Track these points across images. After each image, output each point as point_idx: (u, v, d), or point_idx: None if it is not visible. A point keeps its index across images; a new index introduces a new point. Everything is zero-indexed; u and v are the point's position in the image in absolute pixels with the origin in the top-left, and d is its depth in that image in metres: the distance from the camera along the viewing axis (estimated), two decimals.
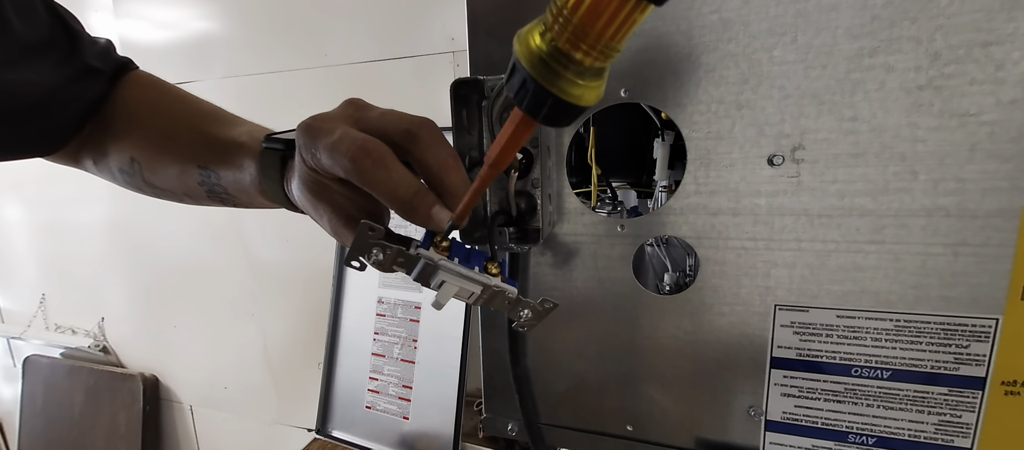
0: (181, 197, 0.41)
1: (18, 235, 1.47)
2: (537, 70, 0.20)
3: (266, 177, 0.34)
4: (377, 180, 0.27)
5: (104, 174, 0.43)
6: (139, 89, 0.43)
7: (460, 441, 0.86)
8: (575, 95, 0.20)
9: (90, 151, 0.42)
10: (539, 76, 0.20)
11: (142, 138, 0.40)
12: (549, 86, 0.20)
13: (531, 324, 0.31)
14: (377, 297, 0.95)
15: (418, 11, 0.88)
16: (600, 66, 0.20)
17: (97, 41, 0.42)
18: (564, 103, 0.20)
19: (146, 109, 0.41)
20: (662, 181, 0.45)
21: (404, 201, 0.27)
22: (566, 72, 0.20)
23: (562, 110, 0.20)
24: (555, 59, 0.19)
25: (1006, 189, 0.31)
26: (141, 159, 0.40)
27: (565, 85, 0.20)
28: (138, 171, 0.41)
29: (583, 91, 0.20)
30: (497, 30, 0.41)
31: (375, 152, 0.27)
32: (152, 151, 0.40)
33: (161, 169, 0.40)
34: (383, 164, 0.27)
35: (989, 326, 0.33)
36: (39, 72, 0.37)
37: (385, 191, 0.27)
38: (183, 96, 0.43)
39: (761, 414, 0.39)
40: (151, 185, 0.41)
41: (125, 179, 0.42)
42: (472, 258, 0.30)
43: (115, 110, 0.41)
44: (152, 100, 0.42)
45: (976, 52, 0.30)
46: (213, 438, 1.35)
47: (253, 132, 0.38)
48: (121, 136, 0.41)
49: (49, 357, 1.45)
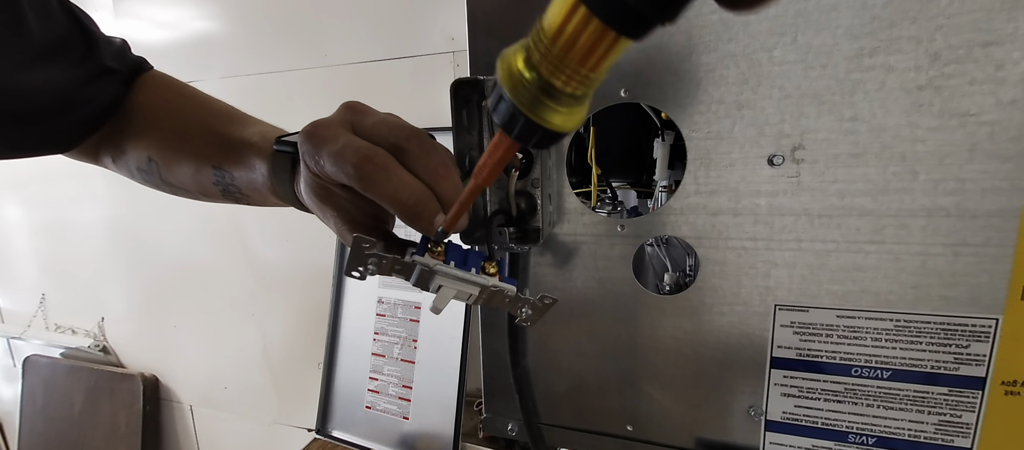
0: (198, 195, 0.42)
1: (18, 235, 1.47)
2: (519, 98, 0.20)
3: (277, 179, 0.35)
4: (380, 187, 0.27)
5: (123, 171, 0.44)
6: (154, 89, 0.43)
7: (460, 441, 0.86)
8: (555, 123, 0.20)
9: (109, 149, 0.43)
10: (522, 104, 0.20)
11: (158, 138, 0.41)
12: (533, 116, 0.20)
13: (532, 320, 0.31)
14: (377, 297, 0.95)
15: (418, 11, 0.88)
16: (582, 94, 0.20)
17: (112, 41, 0.43)
18: (550, 132, 0.20)
19: (161, 109, 0.42)
20: (662, 181, 0.45)
21: (408, 207, 0.28)
22: (548, 100, 0.20)
23: (548, 138, 0.21)
24: (537, 86, 0.20)
25: (1006, 189, 0.31)
26: (158, 158, 0.41)
27: (547, 113, 0.20)
28: (156, 170, 0.41)
29: (564, 119, 0.20)
30: (497, 30, 0.41)
31: (378, 159, 0.27)
32: (168, 151, 0.41)
33: (177, 168, 0.40)
34: (386, 170, 0.27)
35: (989, 326, 0.33)
36: (56, 72, 0.38)
37: (388, 197, 0.27)
38: (197, 96, 0.44)
39: (761, 414, 0.39)
40: (169, 183, 0.42)
41: (144, 177, 0.43)
42: (470, 259, 0.30)
43: (132, 110, 0.42)
44: (166, 100, 0.43)
45: (976, 52, 0.30)
46: (213, 438, 1.35)
47: (265, 133, 0.38)
48: (138, 136, 0.42)
49: (49, 357, 1.45)
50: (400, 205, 0.27)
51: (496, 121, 0.21)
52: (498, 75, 0.21)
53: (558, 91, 0.20)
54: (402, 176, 0.28)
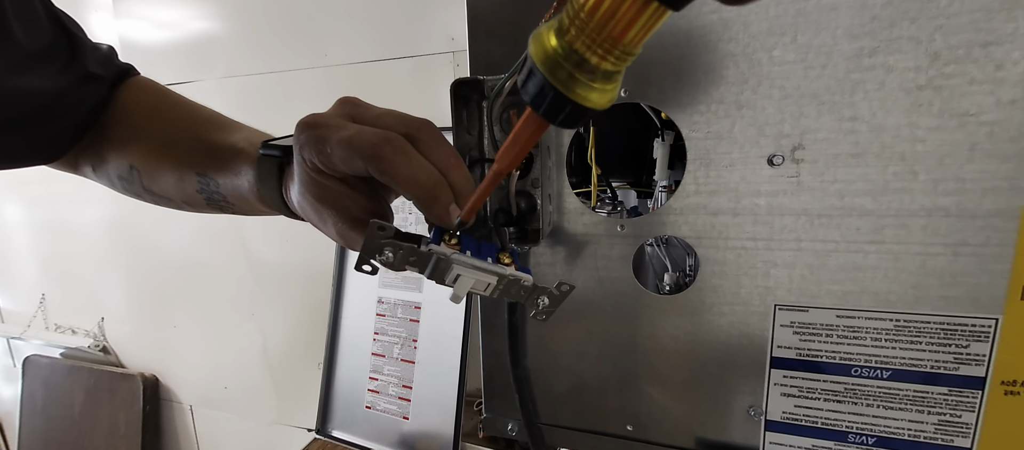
0: (180, 204, 0.41)
1: (18, 235, 1.47)
2: (553, 74, 0.20)
3: (264, 184, 0.34)
4: (399, 170, 0.26)
5: (103, 181, 0.43)
6: (138, 95, 0.42)
7: (460, 441, 0.86)
8: (591, 100, 0.20)
9: (89, 158, 0.42)
10: (556, 80, 0.20)
11: (141, 145, 0.40)
12: (566, 91, 0.20)
13: (549, 311, 0.30)
14: (377, 297, 0.95)
15: (418, 11, 0.88)
16: (615, 70, 0.20)
17: (99, 47, 0.42)
18: (580, 107, 0.20)
19: (145, 115, 0.41)
20: (662, 181, 0.45)
21: (427, 189, 0.27)
22: (582, 75, 0.20)
23: (578, 114, 0.21)
24: (571, 62, 0.19)
25: (1006, 189, 0.31)
26: (140, 166, 0.40)
27: (581, 89, 0.20)
28: (137, 178, 0.40)
29: (599, 95, 0.20)
30: (497, 30, 0.41)
31: (396, 142, 0.27)
32: (151, 158, 0.39)
33: (160, 176, 0.39)
34: (404, 153, 0.27)
35: (989, 326, 0.33)
36: (41, 79, 0.37)
37: (407, 179, 0.27)
38: (182, 102, 0.42)
39: (761, 414, 0.39)
40: (150, 192, 0.41)
41: (124, 186, 0.42)
42: (483, 250, 0.29)
43: (114, 116, 0.41)
44: (151, 106, 0.41)
45: (976, 52, 0.30)
46: (213, 438, 1.35)
47: (251, 138, 0.37)
48: (120, 143, 0.40)
49: (49, 357, 1.45)
50: (419, 187, 0.27)
51: (525, 97, 0.21)
52: (530, 50, 0.20)
53: (593, 67, 0.19)
54: (420, 159, 0.27)
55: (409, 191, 0.27)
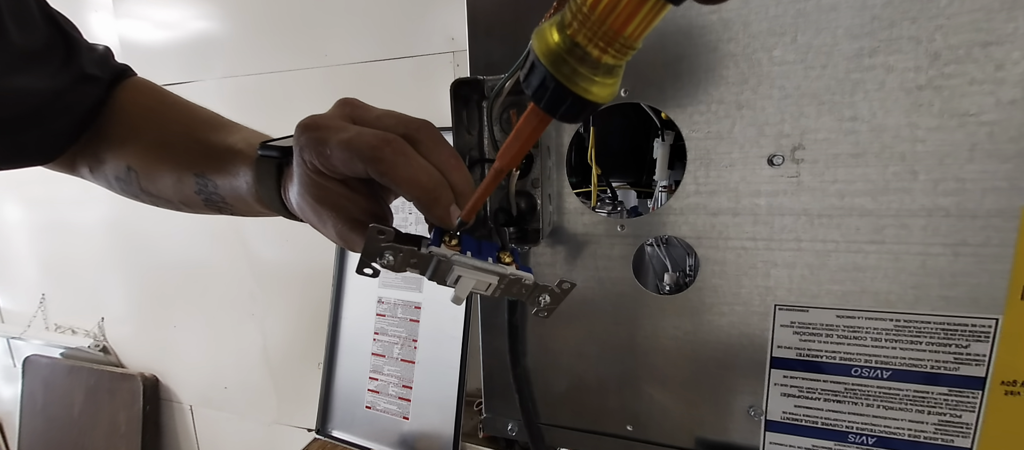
0: (178, 205, 0.40)
1: (18, 235, 1.47)
2: (555, 67, 0.20)
3: (262, 185, 0.34)
4: (399, 171, 0.26)
5: (100, 182, 0.43)
6: (135, 96, 0.42)
7: (460, 441, 0.86)
8: (593, 92, 0.20)
9: (86, 159, 0.42)
10: (557, 73, 0.20)
11: (138, 146, 0.40)
12: (568, 84, 0.20)
13: (551, 309, 0.30)
14: (377, 297, 0.95)
15: (418, 11, 0.88)
16: (616, 63, 0.20)
17: (95, 48, 0.42)
18: (582, 100, 0.20)
19: (142, 116, 0.41)
20: (662, 181, 0.45)
21: (427, 190, 0.27)
22: (583, 68, 0.20)
23: (579, 107, 0.21)
24: (573, 56, 0.20)
25: (1006, 189, 0.31)
26: (137, 167, 0.39)
27: (582, 82, 0.20)
28: (134, 179, 0.40)
29: (600, 89, 0.20)
30: (497, 30, 0.41)
31: (396, 143, 0.27)
32: (148, 159, 0.39)
33: (157, 177, 0.39)
34: (404, 154, 0.27)
35: (989, 326, 0.33)
36: (36, 80, 0.37)
37: (408, 181, 0.27)
38: (179, 103, 0.42)
39: (761, 414, 0.39)
40: (148, 193, 0.40)
41: (121, 187, 0.41)
42: (483, 250, 0.29)
43: (111, 117, 0.41)
44: (148, 107, 0.41)
45: (976, 52, 0.30)
46: (213, 438, 1.35)
47: (250, 138, 0.37)
48: (117, 144, 0.40)
49: (49, 357, 1.45)
50: (419, 188, 0.27)
51: (527, 91, 0.22)
52: (532, 45, 0.21)
53: (594, 60, 0.20)
54: (420, 160, 0.27)
55: (409, 192, 0.27)
